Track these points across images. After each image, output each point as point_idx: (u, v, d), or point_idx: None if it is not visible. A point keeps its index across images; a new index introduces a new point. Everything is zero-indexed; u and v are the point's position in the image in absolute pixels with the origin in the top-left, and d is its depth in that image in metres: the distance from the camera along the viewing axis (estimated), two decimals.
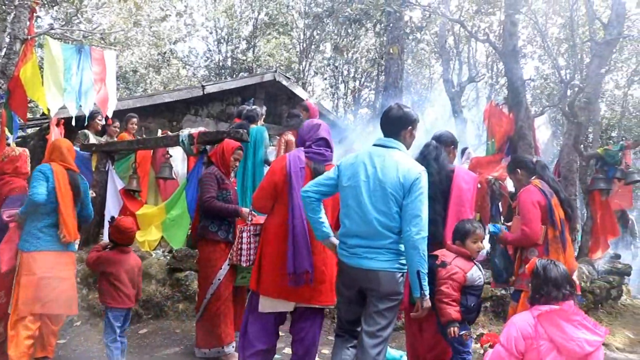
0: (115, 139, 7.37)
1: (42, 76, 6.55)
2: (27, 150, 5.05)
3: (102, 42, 14.76)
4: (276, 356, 4.51)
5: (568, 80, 8.38)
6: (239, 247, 3.90)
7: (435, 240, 3.71)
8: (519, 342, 2.66)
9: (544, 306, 2.76)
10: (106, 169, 6.65)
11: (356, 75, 22.20)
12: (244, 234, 3.91)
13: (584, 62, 13.55)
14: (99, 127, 7.47)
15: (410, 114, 3.52)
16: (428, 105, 21.72)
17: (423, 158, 3.99)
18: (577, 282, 4.03)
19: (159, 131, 7.78)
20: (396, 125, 3.47)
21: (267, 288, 3.48)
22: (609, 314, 7.05)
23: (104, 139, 7.41)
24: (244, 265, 3.89)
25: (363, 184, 3.29)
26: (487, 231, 6.79)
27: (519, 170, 4.50)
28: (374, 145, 3.46)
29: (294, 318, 3.66)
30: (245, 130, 5.73)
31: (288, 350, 4.70)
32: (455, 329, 3.47)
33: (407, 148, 3.48)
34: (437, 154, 4.06)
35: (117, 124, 7.62)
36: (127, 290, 4.29)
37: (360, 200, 3.28)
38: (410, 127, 3.50)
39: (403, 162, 3.30)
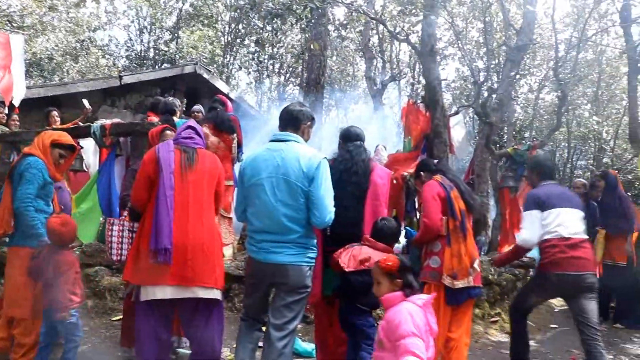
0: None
1: None
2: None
3: (10, 25, 13.96)
4: (185, 351, 4.45)
5: (481, 82, 8.73)
6: (109, 240, 3.77)
7: (354, 236, 3.76)
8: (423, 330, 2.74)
9: (421, 295, 2.84)
10: (11, 160, 6.31)
11: (281, 71, 22.17)
12: (115, 227, 3.77)
13: (501, 65, 14.15)
14: (4, 121, 7.05)
15: (309, 111, 3.67)
16: (351, 102, 22.06)
17: (351, 157, 4.00)
18: (478, 270, 4.19)
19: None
20: (296, 119, 3.55)
21: (144, 276, 3.31)
22: None
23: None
24: (114, 259, 3.75)
25: (266, 180, 3.32)
26: (402, 227, 7.00)
27: (422, 174, 4.64)
28: (271, 140, 3.48)
29: (185, 317, 3.47)
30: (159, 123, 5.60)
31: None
32: None
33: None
34: (365, 154, 4.09)
35: (16, 117, 7.17)
36: None
37: (265, 198, 3.31)
38: (309, 122, 3.61)
39: (303, 153, 3.36)
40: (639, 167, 7.91)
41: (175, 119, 6.34)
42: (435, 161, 4.71)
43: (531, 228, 4.40)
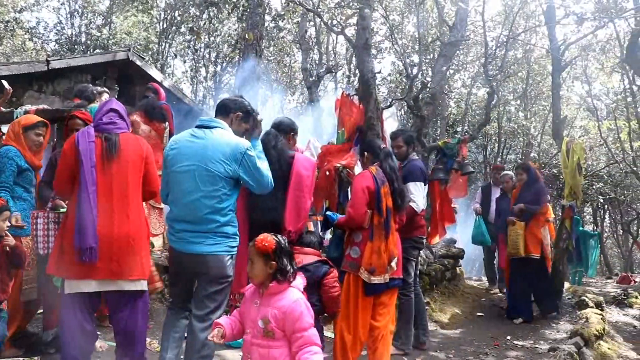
0: None
1: None
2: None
3: None
4: (109, 343, 4.37)
5: (413, 76, 8.89)
6: (34, 234, 3.70)
7: (275, 226, 3.77)
8: None
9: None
10: None
11: (218, 60, 21.84)
12: (39, 220, 3.69)
13: (435, 60, 14.45)
14: None
15: (245, 103, 3.64)
16: (288, 93, 22.00)
17: (263, 146, 3.97)
18: (395, 269, 4.30)
19: None
20: (226, 106, 3.54)
21: (68, 270, 3.23)
22: (442, 294, 7.62)
23: None
24: (41, 253, 3.68)
25: (187, 167, 3.28)
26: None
27: (366, 153, 4.59)
28: (196, 126, 3.44)
29: (111, 308, 3.44)
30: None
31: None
32: None
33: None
34: (276, 142, 4.10)
35: None
36: None
37: (186, 186, 3.28)
38: (240, 113, 3.58)
39: (226, 141, 3.33)
40: (562, 162, 8.24)
41: (93, 105, 6.13)
42: (382, 146, 4.62)
43: (422, 197, 5.29)
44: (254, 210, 3.79)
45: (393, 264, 4.23)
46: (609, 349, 5.90)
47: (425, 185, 5.40)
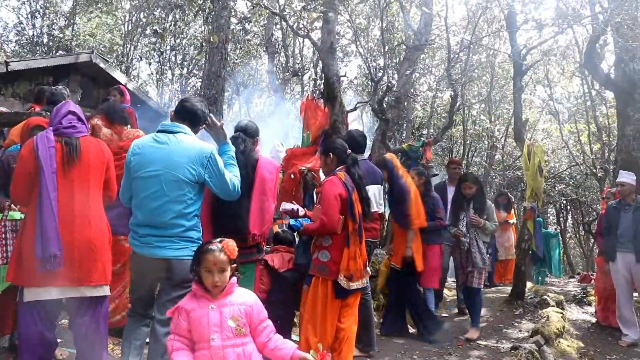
0: None
1: None
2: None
3: None
4: (69, 350, 4.29)
5: (377, 79, 8.96)
6: None
7: (239, 231, 3.76)
8: None
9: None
10: None
11: (184, 63, 21.66)
12: None
13: (400, 64, 14.54)
14: None
15: (208, 113, 3.64)
16: (254, 96, 21.91)
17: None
18: (369, 273, 4.36)
19: None
20: (198, 117, 3.53)
21: (28, 278, 3.17)
22: None
23: None
24: (0, 263, 3.62)
25: (153, 173, 3.26)
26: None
27: (331, 155, 4.48)
28: (158, 131, 3.42)
29: (71, 314, 3.39)
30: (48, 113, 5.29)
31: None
32: None
33: None
34: (245, 147, 4.08)
35: None
36: None
37: (152, 191, 3.25)
38: (205, 126, 3.61)
39: (191, 145, 3.33)
40: (523, 164, 8.40)
41: None
42: (348, 151, 4.51)
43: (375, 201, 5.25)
44: (218, 215, 3.77)
45: (368, 268, 4.29)
46: (568, 346, 6.04)
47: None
